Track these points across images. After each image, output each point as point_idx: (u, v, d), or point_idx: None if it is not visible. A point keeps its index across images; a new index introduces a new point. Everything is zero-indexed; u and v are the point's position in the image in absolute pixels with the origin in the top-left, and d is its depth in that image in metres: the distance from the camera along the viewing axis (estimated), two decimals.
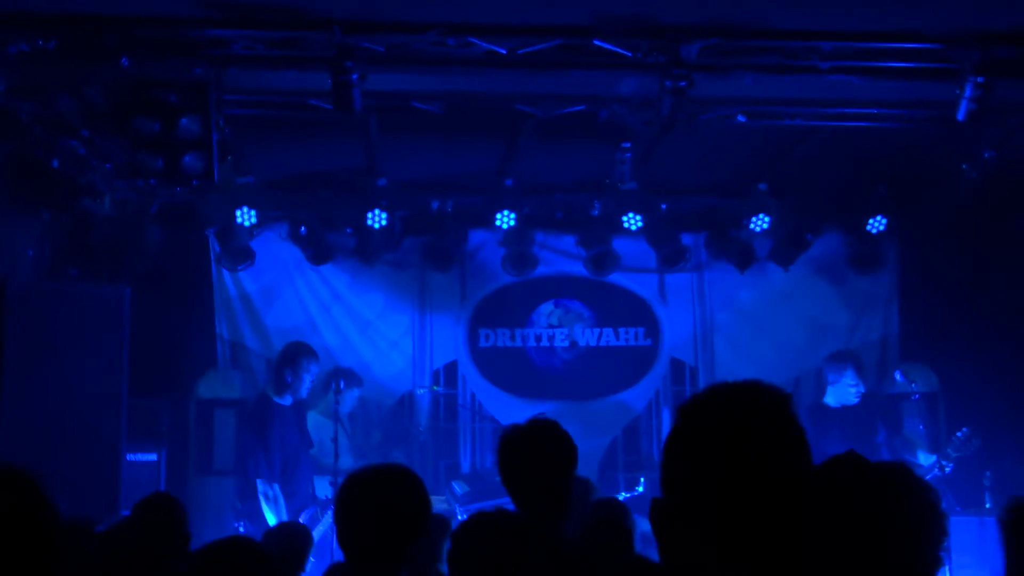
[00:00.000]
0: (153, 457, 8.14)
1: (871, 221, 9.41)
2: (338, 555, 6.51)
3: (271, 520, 7.54)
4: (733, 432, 1.73)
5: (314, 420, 8.46)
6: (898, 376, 8.67)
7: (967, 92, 6.39)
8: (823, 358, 9.16)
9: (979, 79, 6.31)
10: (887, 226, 9.45)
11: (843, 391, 8.59)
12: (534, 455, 3.93)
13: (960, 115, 6.51)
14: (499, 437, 4.09)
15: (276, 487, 7.73)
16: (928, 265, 9.66)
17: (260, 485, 7.75)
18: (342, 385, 8.31)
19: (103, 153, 7.91)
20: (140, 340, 7.57)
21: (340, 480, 3.85)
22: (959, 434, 7.79)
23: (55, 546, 2.04)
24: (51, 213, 8.28)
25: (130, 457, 7.64)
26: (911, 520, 2.44)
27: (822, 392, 8.81)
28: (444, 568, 4.76)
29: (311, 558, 5.72)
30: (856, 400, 8.56)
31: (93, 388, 6.40)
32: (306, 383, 8.11)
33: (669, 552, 1.77)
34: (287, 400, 8.08)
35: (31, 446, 5.98)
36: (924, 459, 8.11)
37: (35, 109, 7.02)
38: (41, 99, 6.93)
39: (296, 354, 8.24)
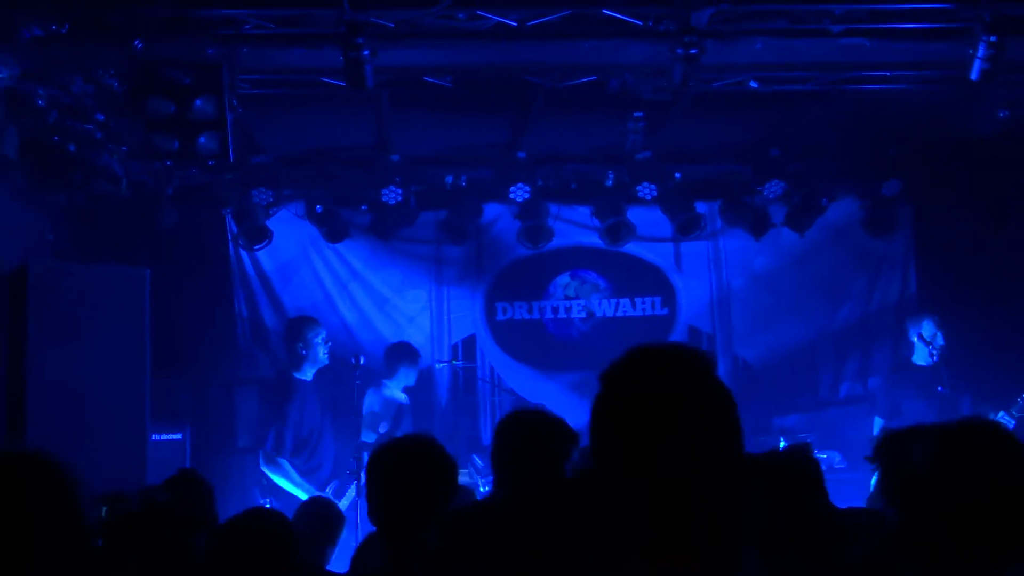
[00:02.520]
0: (178, 436, 8.22)
1: (885, 184, 9.40)
2: (363, 526, 6.60)
3: (292, 491, 7.63)
4: (664, 399, 1.67)
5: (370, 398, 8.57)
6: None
7: (980, 52, 6.35)
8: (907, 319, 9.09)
9: (991, 38, 6.26)
10: (901, 188, 9.44)
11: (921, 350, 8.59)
12: (528, 443, 3.94)
13: (973, 75, 6.47)
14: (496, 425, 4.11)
15: (284, 461, 7.81)
16: (944, 226, 9.64)
17: (262, 459, 7.87)
18: (362, 360, 8.35)
19: (119, 136, 7.97)
20: (160, 321, 7.63)
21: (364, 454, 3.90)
22: (1021, 397, 7.73)
23: (82, 530, 2.05)
24: (68, 196, 8.35)
25: (155, 437, 7.72)
26: None
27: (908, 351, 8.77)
28: None
29: None
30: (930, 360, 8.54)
31: (116, 368, 6.47)
32: (320, 350, 8.15)
33: (595, 526, 1.70)
34: (307, 375, 8.15)
35: (57, 427, 6.06)
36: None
37: (51, 93, 7.08)
38: (56, 83, 6.98)
39: (299, 326, 8.30)
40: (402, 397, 8.82)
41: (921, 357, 8.54)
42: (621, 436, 1.69)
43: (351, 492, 7.81)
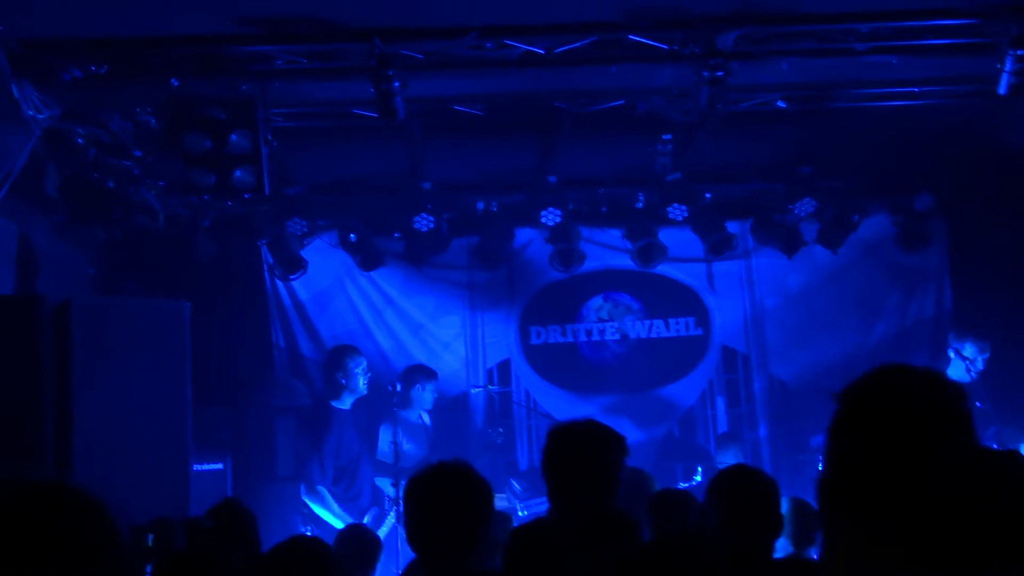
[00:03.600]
0: (219, 466, 8.32)
1: (917, 199, 9.38)
2: (404, 553, 6.64)
3: (330, 520, 7.70)
4: (910, 419, 1.74)
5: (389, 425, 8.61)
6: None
7: (1007, 66, 6.35)
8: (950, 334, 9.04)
9: (1019, 52, 6.26)
10: (934, 203, 9.41)
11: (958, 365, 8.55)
12: (579, 454, 3.99)
13: (1001, 89, 6.47)
14: (546, 433, 4.16)
15: (324, 490, 7.88)
16: (978, 239, 9.60)
17: (302, 489, 7.95)
18: (399, 387, 8.42)
19: (156, 171, 8.12)
20: (199, 352, 7.73)
21: (402, 481, 3.95)
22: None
23: (118, 562, 2.06)
24: (108, 231, 8.50)
25: (196, 467, 7.81)
26: None
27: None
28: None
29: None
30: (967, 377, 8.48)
31: (159, 400, 6.56)
32: (359, 380, 8.24)
33: (835, 530, 1.78)
34: (346, 404, 8.22)
35: (103, 460, 6.15)
36: None
37: (90, 132, 7.24)
38: (95, 122, 7.14)
39: (340, 355, 8.39)
40: (426, 419, 8.87)
41: (957, 372, 8.49)
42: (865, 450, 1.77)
43: (391, 519, 7.87)
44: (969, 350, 8.50)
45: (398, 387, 8.32)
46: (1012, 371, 8.76)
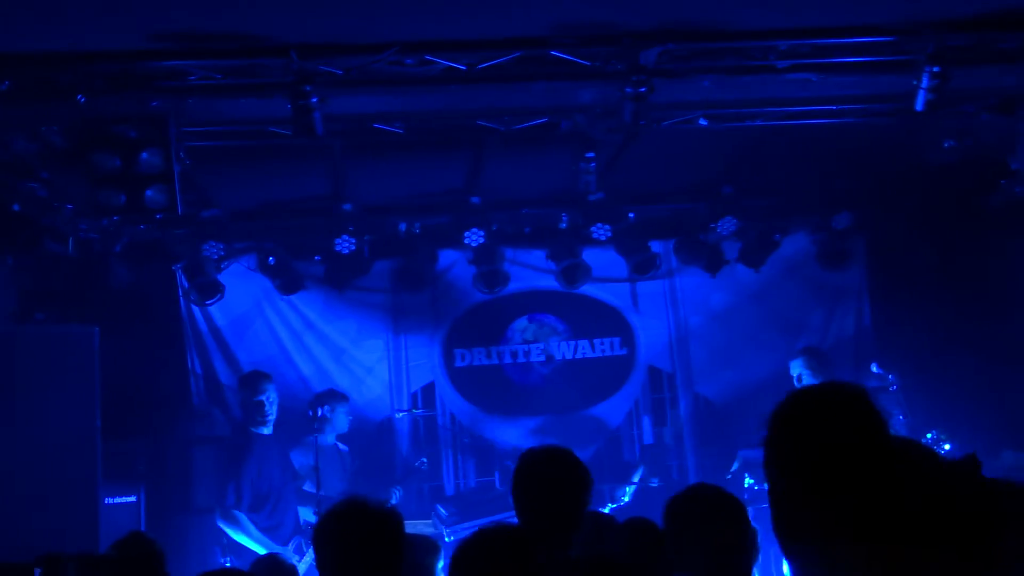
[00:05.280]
0: (132, 499, 8.02)
1: (836, 217, 9.49)
2: None
3: (251, 546, 7.45)
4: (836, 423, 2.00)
5: (303, 451, 8.39)
6: (875, 368, 8.69)
7: (924, 82, 6.43)
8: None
9: (935, 68, 6.34)
10: (853, 221, 9.54)
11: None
12: (554, 480, 3.93)
13: (918, 105, 6.54)
14: (518, 459, 4.08)
15: (240, 515, 7.63)
16: (896, 257, 9.75)
17: (218, 515, 7.70)
18: (320, 412, 8.22)
19: (64, 193, 7.83)
20: (112, 381, 7.47)
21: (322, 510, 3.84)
22: (929, 436, 7.84)
23: None
24: (14, 257, 8.17)
25: (108, 500, 7.53)
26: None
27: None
28: None
29: None
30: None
31: (66, 430, 6.30)
32: (271, 408, 8.02)
33: (786, 523, 2.01)
34: (267, 430, 7.99)
35: (6, 491, 5.88)
36: None
37: None
38: None
39: (255, 380, 8.16)
40: (340, 446, 8.67)
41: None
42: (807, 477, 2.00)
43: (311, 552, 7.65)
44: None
45: (319, 412, 8.11)
46: (928, 388, 8.87)
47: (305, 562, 7.34)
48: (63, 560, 3.96)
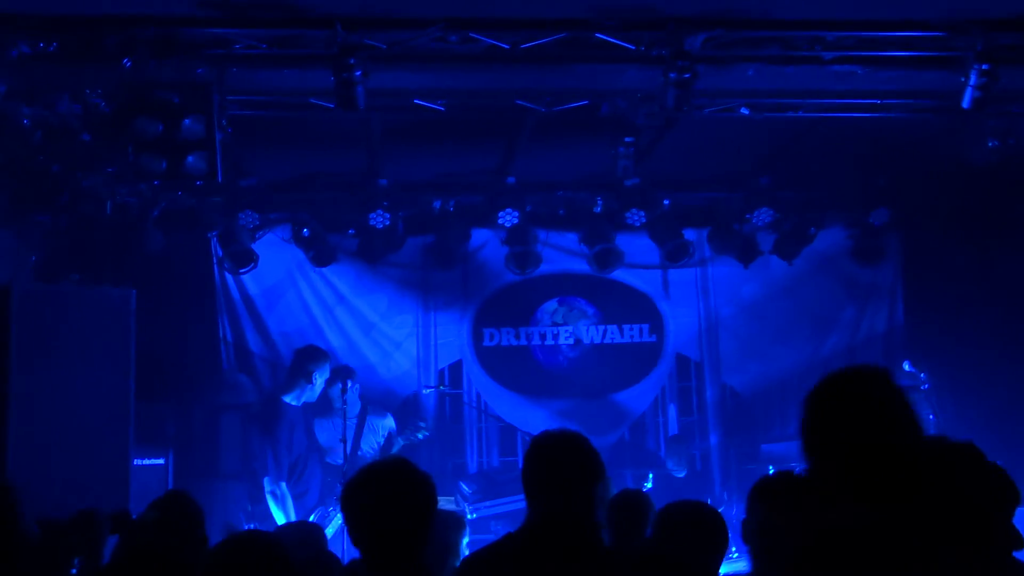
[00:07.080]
0: (160, 461, 8.09)
1: (873, 213, 9.42)
2: (350, 553, 6.49)
3: (280, 520, 7.52)
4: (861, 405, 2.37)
5: (328, 423, 8.44)
6: (906, 366, 8.63)
7: (972, 80, 6.36)
8: None
9: (984, 66, 6.28)
10: (890, 218, 9.46)
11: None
12: (567, 465, 3.88)
13: (965, 103, 6.48)
14: (529, 442, 4.05)
15: (283, 486, 7.71)
16: (932, 256, 9.65)
17: (267, 484, 7.76)
18: (348, 385, 8.26)
19: (105, 157, 7.88)
20: (144, 345, 7.52)
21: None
22: None
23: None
24: (53, 218, 8.25)
25: (137, 462, 7.60)
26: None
27: None
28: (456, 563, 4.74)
29: None
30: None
31: (100, 391, 6.36)
32: (319, 386, 8.10)
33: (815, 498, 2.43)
34: (297, 401, 8.05)
35: (39, 450, 5.95)
36: None
37: (36, 113, 6.99)
38: (42, 102, 6.90)
39: (309, 358, 8.22)
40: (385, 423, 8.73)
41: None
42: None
43: (337, 519, 7.70)
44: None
45: (348, 384, 8.15)
46: (961, 386, 8.81)
47: (330, 531, 7.38)
48: (98, 518, 4.01)
